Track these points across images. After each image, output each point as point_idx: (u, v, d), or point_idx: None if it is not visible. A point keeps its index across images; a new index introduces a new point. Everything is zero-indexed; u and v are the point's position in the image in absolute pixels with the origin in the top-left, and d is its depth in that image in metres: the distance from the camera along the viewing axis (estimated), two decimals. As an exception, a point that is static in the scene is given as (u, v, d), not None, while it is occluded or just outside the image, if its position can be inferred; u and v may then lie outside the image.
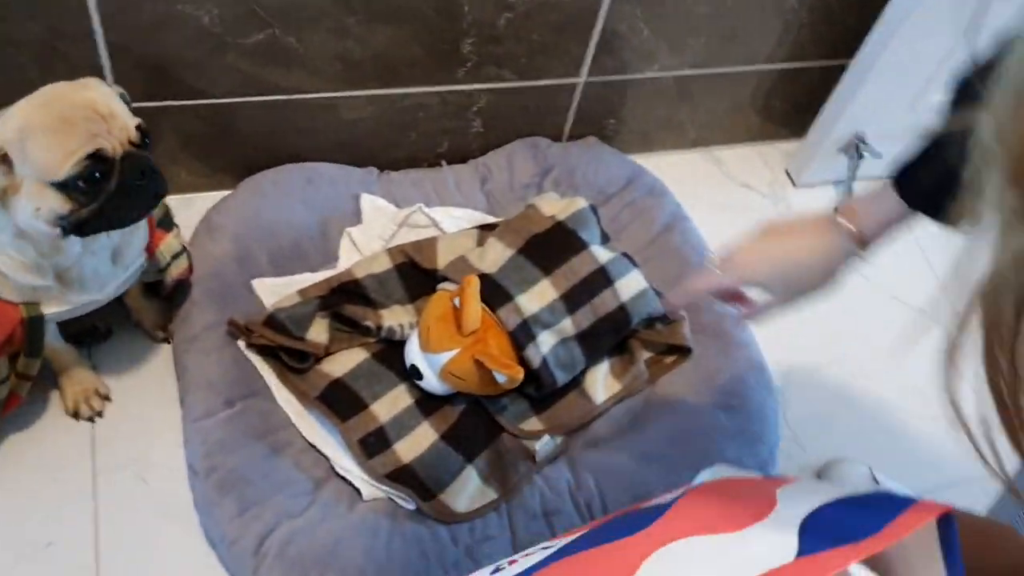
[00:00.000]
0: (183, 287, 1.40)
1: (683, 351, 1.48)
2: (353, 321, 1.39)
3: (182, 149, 1.52)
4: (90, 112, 1.04)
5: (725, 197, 1.81)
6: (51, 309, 1.16)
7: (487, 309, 1.31)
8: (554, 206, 1.47)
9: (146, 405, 1.37)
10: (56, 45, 1.28)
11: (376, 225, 1.55)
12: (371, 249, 1.52)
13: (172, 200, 1.57)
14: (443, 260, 1.45)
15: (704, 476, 0.82)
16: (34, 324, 1.15)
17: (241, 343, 1.37)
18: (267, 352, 1.36)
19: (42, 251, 1.09)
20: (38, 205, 1.03)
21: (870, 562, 0.49)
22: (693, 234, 1.63)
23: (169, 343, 1.42)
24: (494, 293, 1.32)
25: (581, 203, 1.46)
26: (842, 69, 1.69)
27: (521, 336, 1.30)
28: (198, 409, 1.30)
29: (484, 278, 1.34)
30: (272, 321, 1.34)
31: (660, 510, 0.64)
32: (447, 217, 1.58)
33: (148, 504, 1.28)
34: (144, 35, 1.31)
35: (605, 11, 1.49)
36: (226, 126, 1.49)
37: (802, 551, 0.50)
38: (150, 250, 1.25)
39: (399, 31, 1.41)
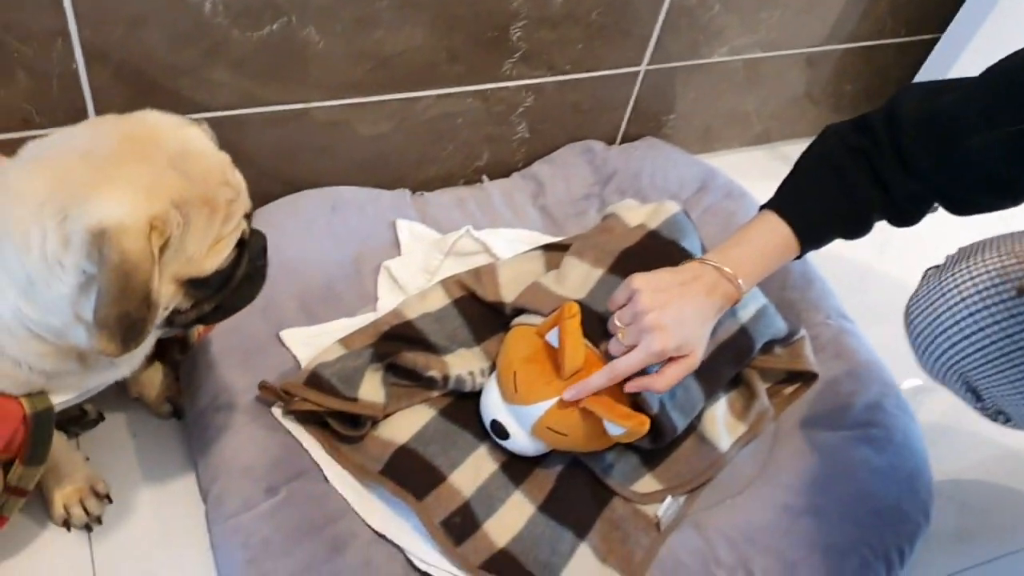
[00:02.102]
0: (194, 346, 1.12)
1: (806, 377, 1.23)
2: (413, 373, 1.11)
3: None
4: (223, 179, 0.78)
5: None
6: (62, 397, 0.86)
7: (588, 345, 1.04)
8: (639, 213, 1.22)
9: (157, 503, 1.07)
10: (16, 48, 0.99)
11: (418, 255, 1.29)
12: (415, 285, 1.25)
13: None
14: (509, 290, 1.18)
15: None
16: (41, 421, 0.85)
17: (277, 411, 1.08)
18: (309, 420, 1.08)
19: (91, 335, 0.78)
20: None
21: None
22: (785, 240, 1.39)
23: (179, 419, 1.13)
24: (591, 323, 1.05)
25: (672, 208, 1.21)
26: (922, 45, 1.49)
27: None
28: (232, 502, 1.01)
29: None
30: (316, 380, 1.06)
31: None
32: (499, 240, 1.32)
33: (174, 634, 0.98)
34: (126, 32, 1.03)
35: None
36: (230, 145, 1.21)
37: None
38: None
39: (437, 17, 1.16)
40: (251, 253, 0.82)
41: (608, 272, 1.14)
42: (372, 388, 1.09)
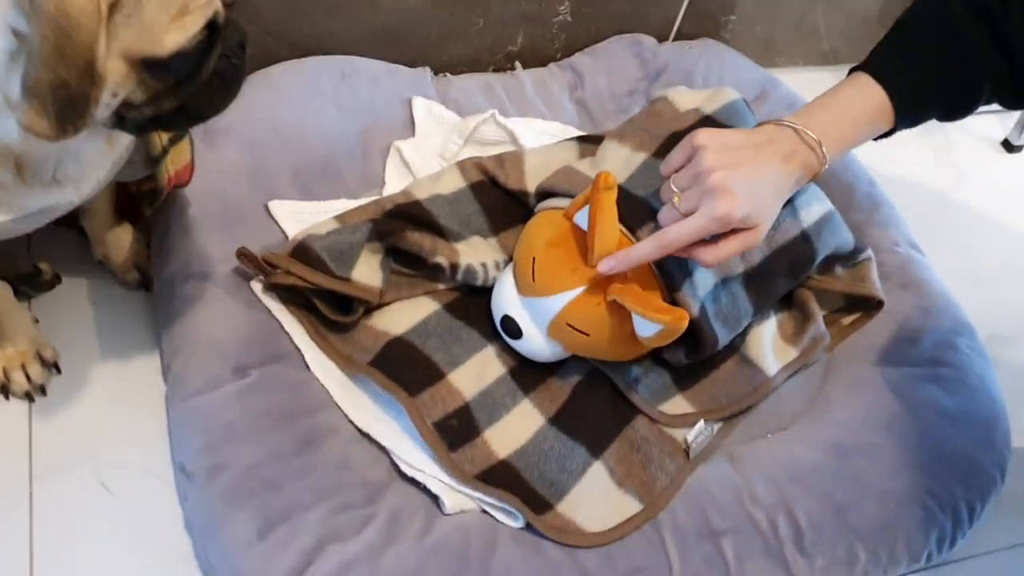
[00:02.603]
0: (167, 205, 0.97)
1: (869, 306, 1.07)
2: (417, 259, 0.96)
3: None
4: None
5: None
6: None
7: (624, 231, 0.89)
8: (693, 97, 1.06)
9: (110, 377, 0.93)
10: None
11: (434, 138, 1.13)
12: (428, 169, 1.10)
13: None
14: (535, 177, 1.03)
15: None
16: None
17: (256, 285, 0.93)
18: (293, 299, 0.93)
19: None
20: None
21: None
22: (850, 158, 1.22)
23: (147, 290, 0.99)
24: (630, 207, 0.89)
25: (732, 94, 1.05)
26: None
27: (674, 269, 0.88)
28: (194, 380, 0.87)
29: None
30: (304, 252, 0.91)
31: None
32: (528, 130, 1.16)
33: (113, 523, 0.84)
34: None
35: None
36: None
37: None
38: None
39: None
40: (226, 45, 0.67)
41: (652, 156, 0.98)
42: (369, 270, 0.94)
